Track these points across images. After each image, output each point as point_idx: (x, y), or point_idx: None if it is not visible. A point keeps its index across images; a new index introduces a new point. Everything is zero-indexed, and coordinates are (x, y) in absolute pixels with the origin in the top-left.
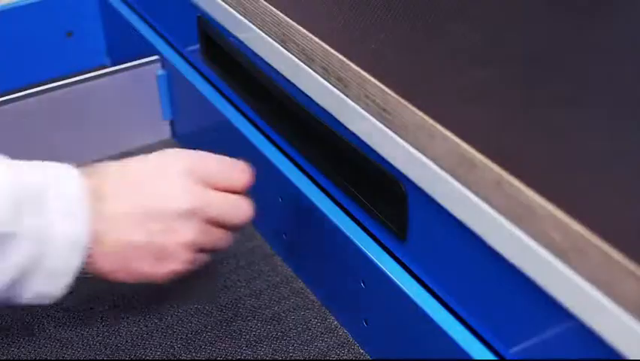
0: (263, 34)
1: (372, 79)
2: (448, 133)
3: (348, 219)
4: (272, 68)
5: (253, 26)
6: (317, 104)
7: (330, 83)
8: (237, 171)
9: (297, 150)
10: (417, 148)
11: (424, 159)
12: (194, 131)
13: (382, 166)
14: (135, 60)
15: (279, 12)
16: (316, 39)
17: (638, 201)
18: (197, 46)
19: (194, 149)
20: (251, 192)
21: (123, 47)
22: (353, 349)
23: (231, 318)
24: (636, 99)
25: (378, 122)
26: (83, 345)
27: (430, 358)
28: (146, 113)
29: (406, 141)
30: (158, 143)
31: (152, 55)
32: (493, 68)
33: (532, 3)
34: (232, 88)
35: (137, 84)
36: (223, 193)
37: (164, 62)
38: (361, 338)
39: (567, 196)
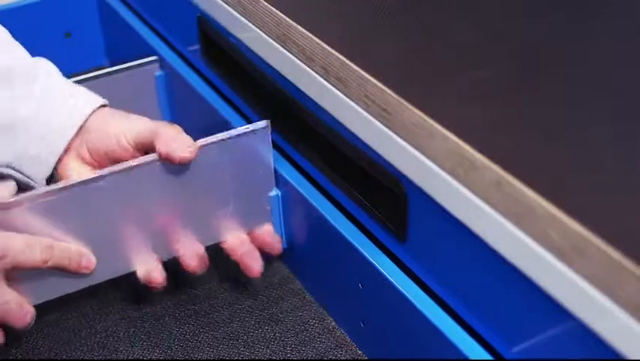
0: (263, 34)
1: (372, 79)
2: (448, 133)
3: (347, 219)
4: (272, 68)
5: (253, 26)
6: (317, 104)
7: (330, 83)
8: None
9: (296, 150)
10: (417, 148)
11: (423, 159)
12: (193, 133)
13: (382, 166)
14: (134, 61)
15: (279, 12)
16: (316, 39)
17: (638, 201)
18: (197, 46)
19: None
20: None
21: (122, 47)
22: (351, 350)
23: (229, 319)
24: (636, 99)
25: (378, 122)
26: (81, 346)
27: (428, 359)
28: (144, 114)
29: (406, 141)
30: None
31: (151, 55)
32: (493, 68)
33: (532, 3)
34: (232, 88)
35: (136, 85)
36: (8, 289)
37: (162, 62)
38: (359, 338)
39: (567, 196)
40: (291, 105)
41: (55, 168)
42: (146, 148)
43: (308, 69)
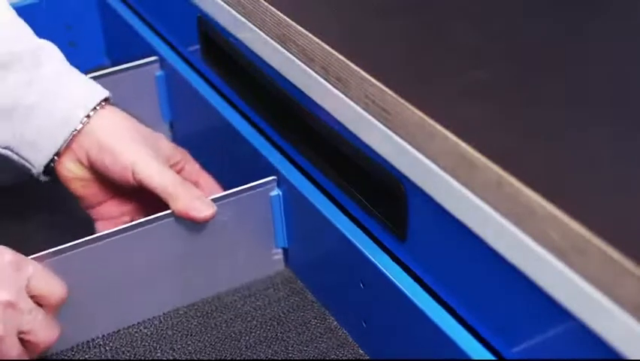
0: (263, 34)
1: (372, 79)
2: (448, 133)
3: (347, 219)
4: (272, 68)
5: (253, 26)
6: (317, 105)
7: (330, 83)
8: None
9: (297, 150)
10: (417, 148)
11: (424, 159)
12: (194, 133)
13: (382, 166)
14: (134, 61)
15: (279, 12)
16: (316, 39)
17: (638, 201)
18: (197, 46)
19: (194, 150)
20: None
21: (122, 47)
22: (352, 349)
23: (231, 319)
24: (636, 99)
25: (378, 122)
26: (83, 346)
27: (429, 358)
28: (145, 115)
29: (406, 141)
30: None
31: (151, 55)
32: (493, 68)
33: (532, 3)
34: (232, 88)
35: (136, 85)
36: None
37: (162, 62)
38: (361, 338)
39: (567, 196)
40: (291, 105)
41: (53, 160)
42: (148, 189)
43: (308, 69)
